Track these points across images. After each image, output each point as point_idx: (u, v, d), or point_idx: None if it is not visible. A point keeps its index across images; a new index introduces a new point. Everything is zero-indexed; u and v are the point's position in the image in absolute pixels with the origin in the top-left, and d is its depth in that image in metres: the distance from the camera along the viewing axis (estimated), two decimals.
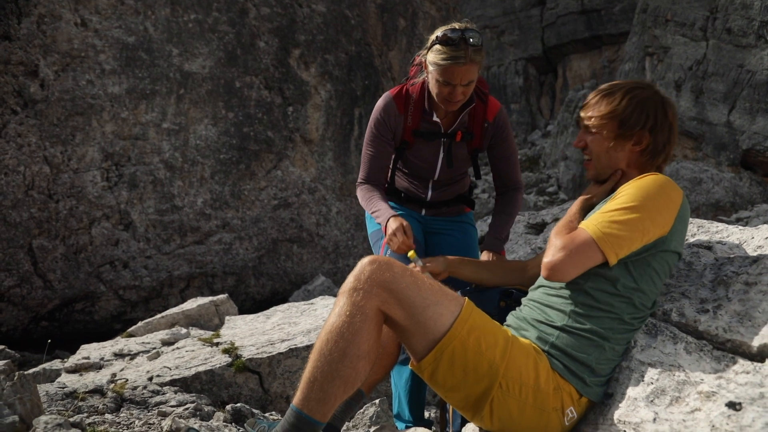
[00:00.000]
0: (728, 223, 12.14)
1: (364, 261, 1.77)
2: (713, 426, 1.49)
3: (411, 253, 2.29)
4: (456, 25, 2.37)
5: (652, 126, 1.92)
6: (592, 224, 1.80)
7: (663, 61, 17.87)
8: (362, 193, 2.66)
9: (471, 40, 2.30)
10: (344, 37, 9.76)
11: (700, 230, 2.39)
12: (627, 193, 1.83)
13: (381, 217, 2.48)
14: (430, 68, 2.40)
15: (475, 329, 1.73)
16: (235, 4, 8.56)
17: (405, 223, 2.36)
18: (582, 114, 2.02)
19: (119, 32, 7.60)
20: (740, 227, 2.34)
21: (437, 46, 2.34)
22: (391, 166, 2.74)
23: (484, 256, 2.55)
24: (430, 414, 3.50)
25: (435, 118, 2.56)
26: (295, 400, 1.71)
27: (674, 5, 17.78)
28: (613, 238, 1.76)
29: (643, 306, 1.83)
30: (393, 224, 2.37)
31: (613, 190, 1.98)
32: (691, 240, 2.28)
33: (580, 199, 2.05)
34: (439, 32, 2.38)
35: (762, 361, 1.63)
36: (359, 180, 2.70)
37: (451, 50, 2.30)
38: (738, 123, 16.07)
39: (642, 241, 1.78)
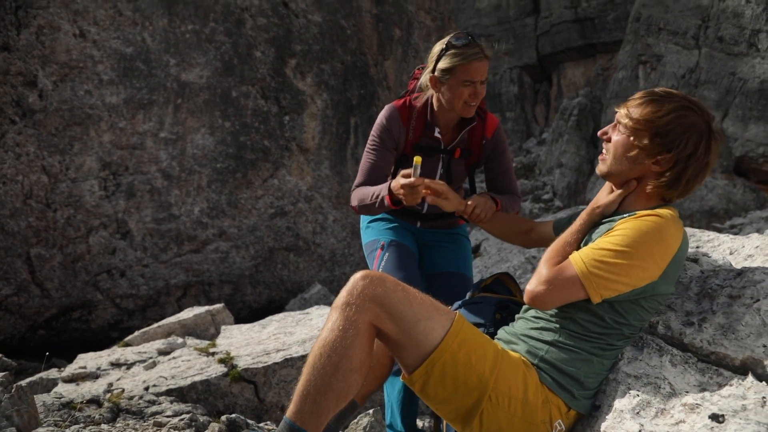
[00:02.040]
0: (722, 230, 12.22)
1: (357, 276, 1.80)
2: None
3: (417, 159, 2.18)
4: (455, 33, 2.43)
5: (686, 157, 1.78)
6: (581, 260, 1.77)
7: (656, 69, 18.00)
8: (357, 193, 2.54)
9: (477, 38, 2.38)
10: (340, 47, 9.83)
11: (691, 239, 2.43)
12: (623, 233, 1.76)
13: (381, 192, 2.37)
14: (446, 77, 2.41)
15: (465, 343, 1.77)
16: (232, 15, 8.62)
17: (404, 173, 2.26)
18: (620, 110, 1.87)
19: (117, 43, 7.65)
20: (731, 236, 2.38)
21: (450, 52, 2.37)
22: (390, 178, 2.69)
23: (480, 196, 2.43)
24: (423, 424, 3.53)
25: (437, 134, 2.58)
26: (289, 412, 1.75)
27: (667, 14, 17.94)
28: (599, 279, 1.74)
29: (631, 334, 1.87)
30: (395, 182, 2.25)
31: (617, 209, 1.93)
32: None
33: (588, 209, 1.98)
34: (442, 44, 2.42)
35: (745, 373, 1.68)
36: (355, 184, 2.59)
37: (466, 49, 2.35)
38: (731, 130, 16.19)
39: (630, 285, 1.75)
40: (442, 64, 2.40)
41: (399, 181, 2.22)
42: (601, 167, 1.94)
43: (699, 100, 1.85)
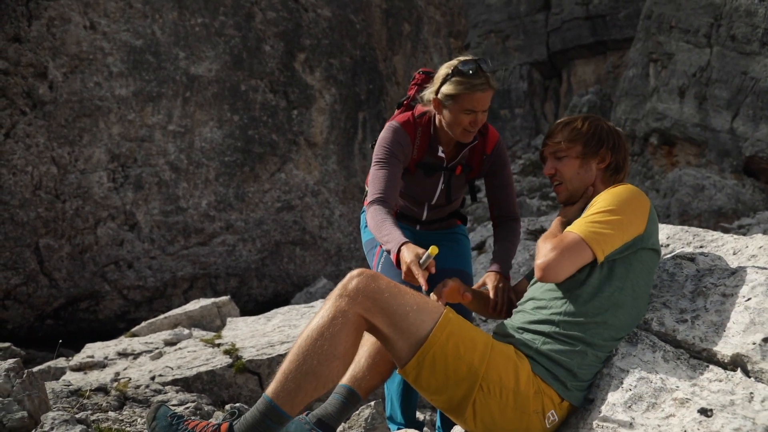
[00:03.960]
0: (730, 230, 12.16)
1: (353, 273, 1.89)
2: (685, 431, 1.57)
3: (432, 249, 2.07)
4: (464, 58, 2.40)
5: (612, 145, 2.16)
6: (577, 227, 1.94)
7: (667, 67, 17.91)
8: (374, 214, 2.37)
9: (485, 67, 2.35)
10: (349, 42, 9.86)
11: (695, 239, 2.45)
12: (603, 200, 2.00)
13: (391, 243, 2.22)
14: (448, 102, 2.39)
15: (453, 334, 1.83)
16: (242, 9, 8.67)
17: (419, 252, 2.11)
18: (549, 142, 2.20)
19: (127, 35, 7.72)
20: (735, 236, 2.40)
21: (455, 79, 2.35)
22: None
23: (490, 278, 2.43)
24: (425, 417, 3.58)
25: (440, 153, 2.58)
26: (268, 389, 1.81)
27: (679, 12, 17.83)
28: (599, 235, 1.89)
29: (625, 317, 1.91)
30: (407, 256, 2.11)
31: (583, 208, 2.12)
32: (678, 251, 2.35)
33: (556, 220, 2.18)
34: (449, 68, 2.39)
35: (734, 369, 1.71)
36: (373, 197, 2.43)
37: (471, 79, 2.32)
38: (741, 130, 16.11)
39: (623, 239, 1.92)
40: (446, 88, 2.39)
41: (409, 258, 2.09)
42: (562, 195, 2.19)
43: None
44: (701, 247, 2.37)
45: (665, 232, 2.54)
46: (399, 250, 2.16)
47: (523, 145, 26.95)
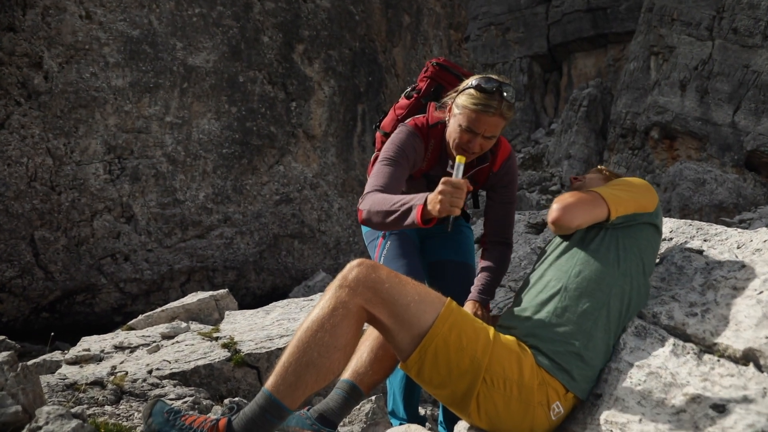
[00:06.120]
0: (731, 224, 12.13)
1: (353, 263, 1.85)
2: (697, 427, 1.52)
3: (460, 158, 1.91)
4: (493, 76, 2.31)
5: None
6: (597, 188, 2.10)
7: (668, 60, 17.84)
8: (373, 197, 2.21)
9: (506, 94, 2.24)
10: (348, 33, 9.78)
11: (698, 233, 2.41)
12: (619, 181, 2.18)
13: (414, 199, 2.02)
14: (456, 111, 2.31)
15: (456, 326, 1.79)
16: None
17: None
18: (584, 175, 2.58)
19: (124, 25, 7.63)
20: (739, 230, 2.36)
21: (471, 91, 2.26)
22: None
23: (469, 306, 2.37)
24: (426, 411, 3.54)
25: (449, 168, 2.50)
26: (268, 383, 1.76)
27: (680, 4, 17.74)
28: (615, 196, 2.03)
29: (630, 290, 1.90)
30: (435, 192, 1.90)
31: None
32: (685, 244, 2.30)
33: None
34: (474, 80, 2.30)
35: (747, 364, 1.66)
36: (374, 188, 2.28)
37: (484, 98, 2.23)
38: (743, 124, 16.06)
39: (635, 207, 2.04)
40: (460, 98, 2.31)
41: (438, 189, 1.88)
42: (575, 186, 2.40)
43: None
44: (705, 240, 2.33)
45: (668, 225, 2.51)
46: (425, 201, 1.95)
47: (523, 139, 26.88)
